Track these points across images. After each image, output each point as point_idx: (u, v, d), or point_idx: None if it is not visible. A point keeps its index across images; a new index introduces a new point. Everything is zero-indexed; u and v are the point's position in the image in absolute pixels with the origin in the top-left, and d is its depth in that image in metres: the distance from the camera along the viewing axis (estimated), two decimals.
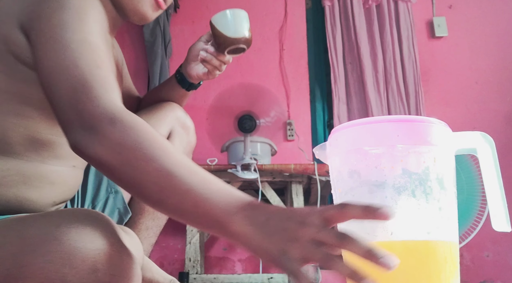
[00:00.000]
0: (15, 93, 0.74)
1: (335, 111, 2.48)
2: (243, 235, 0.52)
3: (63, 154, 0.83)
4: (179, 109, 1.13)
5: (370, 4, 2.59)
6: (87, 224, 0.59)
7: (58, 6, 0.68)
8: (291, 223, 0.50)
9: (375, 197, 0.54)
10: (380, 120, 0.59)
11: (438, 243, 0.57)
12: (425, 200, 0.57)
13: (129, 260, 0.61)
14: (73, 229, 0.58)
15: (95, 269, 0.57)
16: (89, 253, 0.57)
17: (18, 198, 0.77)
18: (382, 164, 0.57)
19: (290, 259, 0.50)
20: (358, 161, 0.58)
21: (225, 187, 0.56)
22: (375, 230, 0.54)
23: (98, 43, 0.68)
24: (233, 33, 0.96)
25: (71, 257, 0.56)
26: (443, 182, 0.59)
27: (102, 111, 0.58)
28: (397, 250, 0.49)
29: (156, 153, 0.56)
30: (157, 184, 0.55)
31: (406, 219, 0.54)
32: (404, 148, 0.57)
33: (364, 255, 0.47)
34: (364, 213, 0.48)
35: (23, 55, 0.72)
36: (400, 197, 0.56)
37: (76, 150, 0.59)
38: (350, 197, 0.58)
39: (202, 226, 0.57)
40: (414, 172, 0.57)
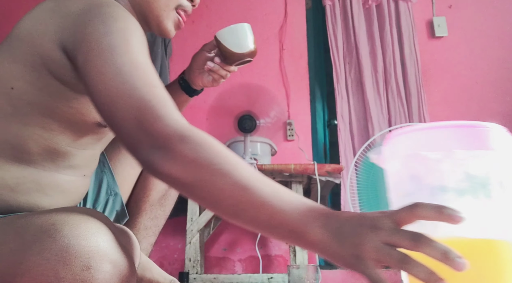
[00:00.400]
0: (40, 106, 0.75)
1: (338, 110, 2.47)
2: (320, 244, 0.54)
3: (76, 164, 0.85)
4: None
5: (370, 4, 2.59)
6: (81, 222, 0.60)
7: (105, 30, 0.69)
8: (363, 228, 0.52)
9: (437, 200, 0.54)
10: (440, 126, 0.61)
11: (501, 243, 0.58)
12: (487, 203, 0.58)
13: (122, 259, 0.61)
14: (67, 226, 0.59)
15: (88, 266, 0.57)
16: (82, 250, 0.58)
17: (30, 204, 0.78)
18: (443, 168, 0.58)
19: (365, 262, 0.51)
20: (418, 165, 0.59)
21: (296, 197, 0.58)
22: (435, 229, 0.53)
23: (147, 63, 0.69)
24: (240, 49, 1.00)
25: (64, 254, 0.57)
26: (504, 185, 0.59)
27: (171, 130, 0.60)
28: (459, 249, 0.49)
29: (228, 168, 0.58)
30: (233, 198, 0.57)
31: (469, 221, 0.55)
32: (464, 153, 0.58)
33: (440, 256, 0.48)
34: (437, 215, 0.49)
35: (59, 72, 0.73)
36: (462, 200, 0.57)
37: (149, 169, 0.60)
38: (411, 199, 0.58)
39: (279, 236, 0.58)
40: (475, 175, 0.58)
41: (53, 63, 0.73)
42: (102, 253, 0.59)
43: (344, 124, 2.46)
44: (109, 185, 1.07)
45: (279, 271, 2.28)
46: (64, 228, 0.59)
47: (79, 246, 0.57)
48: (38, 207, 0.79)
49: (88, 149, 0.88)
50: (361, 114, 2.48)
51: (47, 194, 0.81)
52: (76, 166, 0.85)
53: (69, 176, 0.85)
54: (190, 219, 1.82)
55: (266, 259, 2.30)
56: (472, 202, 0.58)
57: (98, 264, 0.58)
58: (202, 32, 2.61)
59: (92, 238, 0.59)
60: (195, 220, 1.81)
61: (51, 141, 0.78)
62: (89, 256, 0.57)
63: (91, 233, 0.59)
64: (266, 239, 2.34)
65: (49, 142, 0.78)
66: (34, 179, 0.78)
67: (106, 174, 1.07)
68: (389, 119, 2.44)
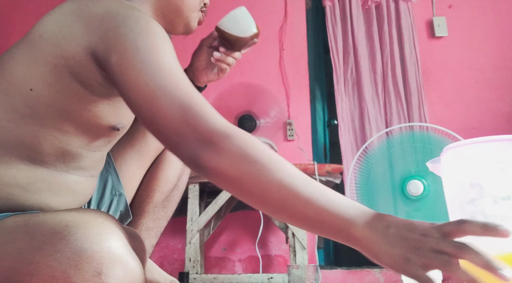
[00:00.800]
0: (58, 108, 0.75)
1: (338, 111, 2.47)
2: (365, 240, 0.57)
3: (86, 165, 0.86)
4: None
5: (370, 5, 2.59)
6: (95, 225, 0.60)
7: (139, 31, 0.70)
8: (413, 233, 0.55)
9: (500, 207, 0.58)
10: (500, 139, 0.64)
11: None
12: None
13: (134, 265, 0.61)
14: (81, 229, 0.59)
15: (99, 272, 0.57)
16: (94, 255, 0.57)
17: (40, 204, 0.78)
18: (505, 178, 0.60)
19: (414, 265, 0.54)
20: (480, 175, 0.62)
21: (339, 196, 0.60)
22: (490, 245, 0.57)
23: (180, 67, 0.71)
24: (244, 33, 1.00)
25: (76, 258, 0.57)
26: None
27: (217, 127, 0.62)
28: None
29: (273, 165, 0.60)
30: (279, 194, 0.59)
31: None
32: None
33: (483, 265, 0.51)
34: (482, 231, 0.52)
35: (82, 75, 0.73)
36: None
37: (195, 165, 0.62)
38: (472, 207, 0.62)
39: (324, 232, 0.61)
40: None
41: (76, 66, 0.73)
42: (114, 258, 0.58)
43: (345, 124, 2.46)
44: (114, 185, 1.07)
45: (279, 271, 2.28)
46: (78, 231, 0.58)
47: (92, 251, 0.57)
48: (47, 206, 0.79)
49: (97, 151, 0.88)
50: (359, 115, 2.48)
51: (57, 194, 0.81)
52: (85, 167, 0.86)
53: (79, 176, 0.85)
54: (190, 219, 1.82)
55: (266, 259, 2.30)
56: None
57: (110, 270, 0.58)
58: (202, 32, 2.61)
59: (105, 243, 0.58)
60: (195, 220, 1.81)
61: (65, 143, 0.78)
62: (101, 262, 0.57)
63: (105, 237, 0.59)
64: (266, 239, 2.35)
65: (63, 144, 0.78)
66: (45, 179, 0.78)
67: (111, 174, 1.07)
68: (386, 120, 2.45)
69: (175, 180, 1.15)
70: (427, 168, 0.75)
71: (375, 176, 2.10)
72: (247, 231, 2.36)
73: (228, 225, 2.36)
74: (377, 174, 2.10)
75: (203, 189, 2.03)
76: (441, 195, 1.11)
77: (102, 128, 0.82)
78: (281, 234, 2.30)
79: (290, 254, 1.86)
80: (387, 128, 2.29)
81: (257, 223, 1.89)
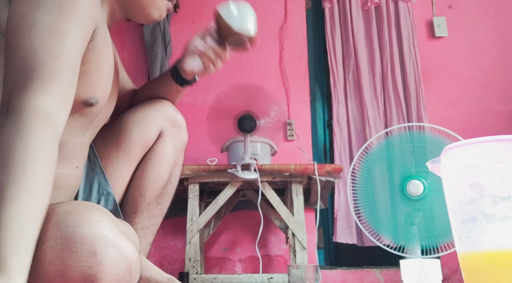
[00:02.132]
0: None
1: (334, 114, 2.49)
2: None
3: (67, 154, 0.85)
4: (169, 106, 1.12)
5: (369, 6, 2.59)
6: (83, 211, 0.61)
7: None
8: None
9: (500, 208, 0.59)
10: (501, 139, 0.64)
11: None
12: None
13: (127, 247, 0.62)
14: (70, 215, 0.60)
15: (94, 252, 0.58)
16: (87, 237, 0.58)
17: None
18: (505, 178, 0.61)
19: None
20: (480, 175, 0.63)
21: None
22: (483, 242, 0.58)
23: (70, 31, 0.70)
24: (237, 24, 0.95)
25: (70, 242, 0.58)
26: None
27: (18, 103, 0.63)
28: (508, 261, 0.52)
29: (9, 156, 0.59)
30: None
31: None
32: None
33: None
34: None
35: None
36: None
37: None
38: (472, 207, 0.62)
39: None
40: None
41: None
42: (107, 239, 0.59)
43: (340, 128, 2.47)
44: (101, 185, 1.06)
45: (279, 271, 2.28)
46: (68, 217, 0.60)
47: (84, 234, 0.58)
48: None
49: (77, 136, 0.87)
50: (358, 116, 2.48)
51: None
52: (66, 156, 0.84)
53: (63, 168, 0.84)
54: (190, 219, 1.82)
55: (266, 259, 2.30)
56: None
57: (104, 249, 0.58)
58: None
59: (95, 226, 0.59)
60: (195, 220, 1.81)
61: None
62: (94, 243, 0.58)
63: (94, 220, 0.60)
64: (266, 239, 2.35)
65: None
66: None
67: (97, 174, 1.05)
68: (386, 121, 2.45)
69: (167, 177, 1.13)
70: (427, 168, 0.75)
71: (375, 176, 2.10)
72: (247, 231, 2.36)
73: (228, 225, 2.36)
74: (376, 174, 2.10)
75: (203, 189, 2.03)
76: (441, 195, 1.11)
77: (74, 104, 0.79)
78: (281, 234, 2.30)
79: (290, 254, 1.86)
80: (387, 128, 2.29)
81: (257, 223, 1.89)
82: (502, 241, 0.59)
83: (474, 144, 0.64)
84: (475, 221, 0.60)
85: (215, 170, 1.84)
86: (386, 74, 2.50)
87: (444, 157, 0.68)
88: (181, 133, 1.14)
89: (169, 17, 2.55)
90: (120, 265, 0.60)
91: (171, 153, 1.12)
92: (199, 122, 2.31)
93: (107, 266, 0.58)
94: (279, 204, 1.83)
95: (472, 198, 0.63)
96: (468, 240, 0.61)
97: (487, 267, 0.55)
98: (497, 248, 0.58)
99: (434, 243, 1.92)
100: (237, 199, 2.17)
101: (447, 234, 1.87)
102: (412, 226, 1.86)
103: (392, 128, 2.17)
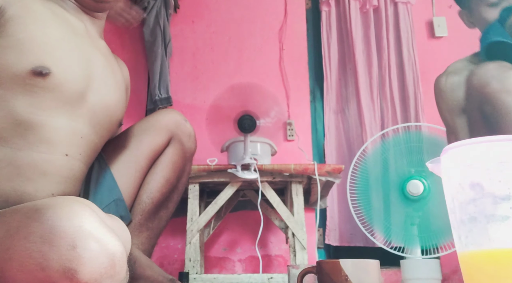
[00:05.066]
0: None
1: (326, 121, 2.50)
2: None
3: (51, 139, 0.84)
4: (178, 115, 1.14)
5: (368, 8, 2.59)
6: (64, 205, 0.62)
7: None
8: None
9: (500, 208, 0.59)
10: (501, 139, 0.64)
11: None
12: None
13: (109, 240, 0.62)
14: (51, 209, 0.61)
15: (74, 246, 0.58)
16: (67, 230, 0.59)
17: (17, 192, 0.79)
18: (506, 178, 0.61)
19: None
20: (480, 175, 0.62)
21: None
22: (489, 241, 0.58)
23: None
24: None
25: (50, 235, 0.58)
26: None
27: None
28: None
29: None
30: None
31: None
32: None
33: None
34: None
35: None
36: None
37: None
38: (472, 207, 0.62)
39: None
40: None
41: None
42: (87, 232, 0.59)
43: (330, 136, 2.47)
44: (111, 191, 1.06)
45: (279, 271, 2.28)
46: (48, 211, 0.60)
47: (64, 227, 0.59)
48: (24, 193, 0.80)
49: (60, 118, 0.86)
50: (355, 121, 2.49)
51: (28, 178, 0.81)
52: (50, 141, 0.84)
53: (47, 154, 0.83)
54: (190, 219, 1.82)
55: (266, 259, 2.30)
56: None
57: (83, 243, 0.59)
58: (202, 32, 2.61)
59: (75, 219, 0.60)
60: (195, 220, 1.81)
61: (8, 109, 0.80)
62: (74, 236, 0.58)
63: (75, 214, 0.60)
64: (266, 239, 2.35)
65: (7, 110, 0.79)
66: (11, 161, 0.79)
67: (107, 180, 1.06)
68: (382, 124, 2.46)
69: (175, 182, 1.15)
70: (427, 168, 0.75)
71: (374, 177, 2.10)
72: (247, 231, 2.35)
73: (228, 225, 2.36)
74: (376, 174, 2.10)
75: (203, 189, 2.02)
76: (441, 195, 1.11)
77: (22, 77, 0.81)
78: (281, 234, 2.30)
79: (290, 254, 1.86)
80: (387, 129, 2.29)
81: (257, 223, 1.89)
82: (502, 241, 0.59)
83: (474, 144, 0.64)
84: (475, 221, 0.60)
85: (215, 170, 1.84)
86: (384, 77, 2.51)
87: (444, 157, 0.69)
88: (190, 141, 1.17)
89: (169, 17, 2.55)
90: (101, 259, 0.59)
91: (180, 159, 1.15)
92: (199, 122, 2.31)
93: (87, 259, 0.58)
94: (279, 204, 1.83)
95: (472, 198, 0.63)
96: (468, 240, 0.61)
97: (487, 267, 0.56)
98: (497, 248, 0.59)
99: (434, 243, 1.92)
100: (237, 199, 2.17)
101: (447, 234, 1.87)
102: (412, 226, 1.86)
103: (392, 128, 2.17)
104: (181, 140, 1.14)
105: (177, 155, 1.13)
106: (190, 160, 1.20)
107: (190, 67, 2.57)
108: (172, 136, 1.12)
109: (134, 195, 1.12)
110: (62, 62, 0.86)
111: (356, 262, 0.75)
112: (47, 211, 0.60)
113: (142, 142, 1.09)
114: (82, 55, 0.92)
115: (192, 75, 2.56)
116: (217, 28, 2.63)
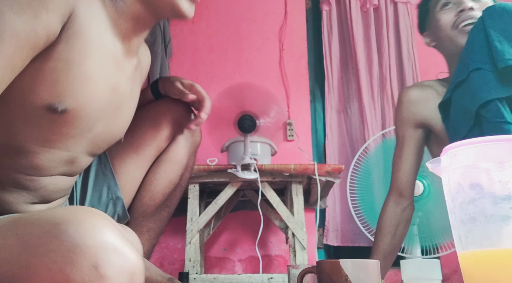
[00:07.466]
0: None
1: (327, 121, 2.50)
2: None
3: (41, 166, 0.82)
4: (183, 107, 1.11)
5: (368, 7, 2.59)
6: (85, 220, 0.59)
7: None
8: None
9: (500, 208, 0.59)
10: (501, 139, 0.64)
11: None
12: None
13: (131, 254, 0.60)
14: (72, 225, 0.58)
15: (96, 265, 0.57)
16: (89, 249, 0.57)
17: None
18: (505, 178, 0.61)
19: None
20: (480, 175, 0.63)
21: None
22: (499, 242, 0.58)
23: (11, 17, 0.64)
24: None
25: (71, 255, 0.56)
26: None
27: None
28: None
29: None
30: None
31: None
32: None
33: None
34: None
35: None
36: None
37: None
38: (472, 207, 0.63)
39: None
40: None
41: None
42: (109, 249, 0.58)
43: (333, 135, 2.47)
44: (110, 189, 1.05)
45: (279, 271, 2.28)
46: (69, 228, 0.58)
47: (86, 246, 0.57)
48: (3, 201, 0.80)
49: (54, 149, 0.82)
50: (356, 120, 2.49)
51: (9, 191, 0.80)
52: (39, 167, 0.81)
53: (32, 176, 0.82)
54: (190, 219, 1.82)
55: (266, 259, 2.30)
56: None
57: (106, 261, 0.57)
58: (202, 32, 2.61)
59: (98, 236, 0.58)
60: (195, 220, 1.81)
61: (6, 134, 0.77)
62: (96, 255, 0.57)
63: (97, 231, 0.59)
64: (266, 239, 2.34)
65: (5, 136, 0.77)
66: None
67: (107, 177, 1.05)
68: (383, 124, 2.45)
69: (177, 180, 1.14)
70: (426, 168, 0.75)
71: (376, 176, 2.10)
72: (247, 231, 2.35)
73: (228, 225, 2.36)
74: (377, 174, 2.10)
75: (203, 189, 2.02)
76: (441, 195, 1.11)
77: (36, 108, 0.74)
78: (281, 234, 2.30)
79: (290, 254, 1.86)
80: (388, 128, 2.29)
81: (257, 223, 1.88)
82: (502, 241, 0.59)
83: (474, 144, 0.64)
84: (475, 221, 0.60)
85: (215, 170, 1.84)
86: (385, 77, 2.51)
87: (444, 157, 0.68)
88: (194, 135, 1.14)
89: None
90: (123, 275, 0.58)
91: (184, 157, 1.12)
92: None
93: (110, 277, 0.57)
94: (279, 204, 1.83)
95: (472, 198, 0.63)
96: (468, 240, 0.61)
97: (487, 267, 0.55)
98: (497, 248, 0.59)
99: (434, 243, 1.92)
100: (237, 199, 2.17)
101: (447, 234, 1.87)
102: (412, 226, 1.86)
103: (391, 129, 2.17)
104: (186, 134, 1.12)
105: (181, 154, 1.11)
106: (194, 153, 1.17)
107: (190, 67, 2.57)
108: (176, 130, 1.10)
109: (134, 192, 1.10)
110: (84, 99, 0.78)
111: (356, 262, 0.75)
112: (68, 227, 0.58)
113: (147, 140, 1.07)
114: (106, 84, 0.82)
115: (192, 75, 2.56)
116: (217, 28, 2.63)
